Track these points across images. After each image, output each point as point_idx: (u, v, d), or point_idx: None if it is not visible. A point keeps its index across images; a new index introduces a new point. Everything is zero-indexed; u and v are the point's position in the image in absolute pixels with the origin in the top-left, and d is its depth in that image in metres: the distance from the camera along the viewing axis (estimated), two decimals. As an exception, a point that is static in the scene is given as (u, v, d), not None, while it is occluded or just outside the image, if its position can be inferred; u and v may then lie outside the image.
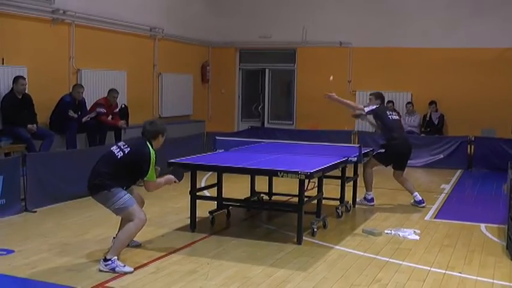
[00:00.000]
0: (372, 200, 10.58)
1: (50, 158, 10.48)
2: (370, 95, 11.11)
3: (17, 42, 11.84)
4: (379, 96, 10.89)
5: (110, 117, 13.09)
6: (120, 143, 7.26)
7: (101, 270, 6.62)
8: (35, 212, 9.47)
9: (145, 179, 6.99)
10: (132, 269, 6.68)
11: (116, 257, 6.69)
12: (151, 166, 6.93)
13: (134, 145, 7.09)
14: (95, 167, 7.11)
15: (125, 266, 6.67)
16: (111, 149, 7.15)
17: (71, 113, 12.41)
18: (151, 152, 6.96)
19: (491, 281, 6.54)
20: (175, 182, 7.42)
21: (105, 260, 6.66)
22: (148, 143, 7.05)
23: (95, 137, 12.79)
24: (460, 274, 6.75)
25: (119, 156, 6.96)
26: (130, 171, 7.01)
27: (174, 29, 16.70)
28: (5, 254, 7.18)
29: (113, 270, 6.60)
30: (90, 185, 7.05)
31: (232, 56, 19.19)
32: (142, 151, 6.95)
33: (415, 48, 16.75)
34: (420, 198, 10.50)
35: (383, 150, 10.51)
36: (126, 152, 6.99)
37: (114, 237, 7.18)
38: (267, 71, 19.12)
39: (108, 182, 6.88)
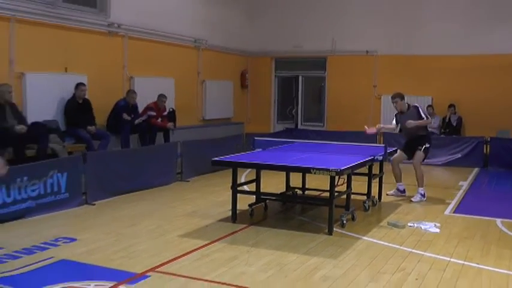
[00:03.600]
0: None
1: (107, 157, 10.59)
2: (395, 98, 10.58)
3: (78, 53, 11.99)
4: (403, 97, 10.66)
5: (159, 120, 13.20)
6: None
7: None
8: (94, 204, 9.59)
9: None
10: None
11: None
12: None
13: None
14: None
15: None
16: None
17: (125, 116, 12.54)
18: None
19: (507, 272, 6.43)
20: None
21: None
22: None
23: (146, 137, 12.92)
24: (477, 265, 6.65)
25: None
26: None
27: (216, 40, 16.76)
28: (68, 242, 7.27)
29: None
30: None
31: (268, 64, 19.20)
32: None
33: (435, 55, 16.58)
34: (402, 188, 10.80)
35: (428, 145, 10.52)
36: None
37: None
38: (300, 77, 19.10)
39: None
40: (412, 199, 10.41)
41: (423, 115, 10.42)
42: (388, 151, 9.66)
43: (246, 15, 18.57)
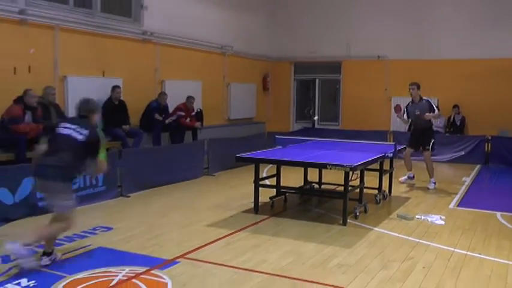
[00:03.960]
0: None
1: (140, 153, 10.66)
2: (413, 85, 10.99)
3: (114, 58, 12.07)
4: (419, 87, 11.06)
5: (188, 120, 13.23)
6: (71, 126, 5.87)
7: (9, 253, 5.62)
8: (129, 196, 9.66)
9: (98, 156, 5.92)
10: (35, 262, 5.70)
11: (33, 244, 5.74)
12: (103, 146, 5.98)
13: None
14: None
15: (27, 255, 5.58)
16: (64, 132, 5.82)
17: (157, 116, 12.60)
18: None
19: (507, 261, 6.38)
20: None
21: (25, 245, 5.50)
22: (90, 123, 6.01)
23: (175, 135, 12.95)
24: (479, 255, 6.60)
25: (81, 139, 5.77)
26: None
27: (240, 47, 16.75)
28: (105, 231, 7.35)
29: (20, 254, 5.46)
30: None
31: (288, 68, 19.16)
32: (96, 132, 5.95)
33: (441, 59, 16.47)
34: (412, 175, 11.45)
35: (433, 140, 10.99)
36: (85, 133, 5.80)
37: None
38: (317, 80, 19.02)
39: (69, 171, 5.75)
40: (428, 187, 10.92)
41: (435, 107, 10.88)
42: (397, 149, 9.65)
43: (267, 24, 18.53)
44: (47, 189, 5.84)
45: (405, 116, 11.17)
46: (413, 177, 11.47)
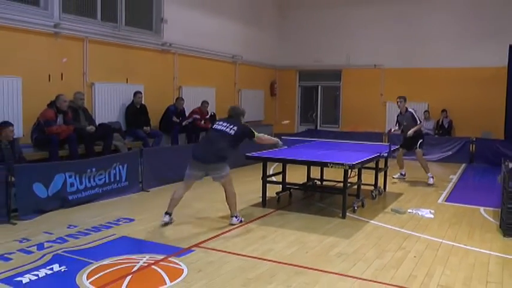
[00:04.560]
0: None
1: (160, 152, 10.67)
2: (401, 98, 11.29)
3: (136, 66, 12.10)
4: (406, 100, 11.34)
5: (202, 122, 13.25)
6: (224, 124, 7.31)
7: (232, 224, 7.25)
8: (149, 191, 9.69)
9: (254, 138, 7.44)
10: (242, 219, 7.43)
11: (237, 213, 7.40)
12: (254, 132, 7.44)
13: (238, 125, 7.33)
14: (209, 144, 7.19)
15: (242, 217, 7.47)
16: (219, 128, 7.26)
17: (175, 119, 12.62)
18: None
19: (489, 252, 6.37)
20: (278, 143, 7.97)
21: (233, 217, 7.32)
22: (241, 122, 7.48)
23: (191, 136, 12.95)
24: (465, 246, 6.59)
25: (232, 133, 7.17)
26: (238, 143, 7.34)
27: (250, 56, 16.75)
28: (128, 222, 7.39)
29: (240, 221, 7.34)
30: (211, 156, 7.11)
31: (293, 76, 19.12)
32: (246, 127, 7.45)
33: (431, 68, 16.39)
34: (404, 173, 11.65)
35: (422, 140, 11.18)
36: (235, 129, 7.20)
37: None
38: (319, 87, 18.96)
39: (225, 154, 7.12)
40: (428, 182, 10.95)
41: (417, 119, 11.09)
42: (392, 149, 9.63)
43: (275, 36, 18.53)
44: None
45: (397, 126, 11.51)
46: (405, 174, 11.57)
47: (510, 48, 14.61)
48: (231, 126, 7.21)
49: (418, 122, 11.07)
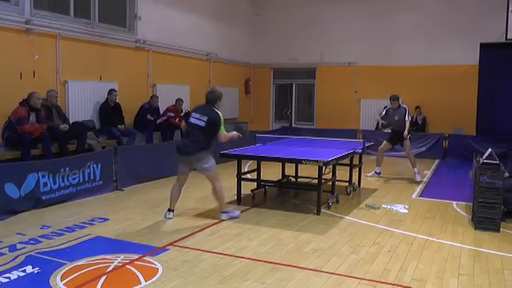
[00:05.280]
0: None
1: (134, 150, 10.57)
2: (396, 100, 11.18)
3: (111, 64, 11.99)
4: (398, 99, 11.25)
5: (177, 120, 13.19)
6: (196, 116, 7.25)
7: (223, 220, 7.36)
8: (123, 190, 9.58)
9: (219, 132, 7.23)
10: (239, 212, 7.64)
11: (227, 208, 7.53)
12: (222, 124, 7.22)
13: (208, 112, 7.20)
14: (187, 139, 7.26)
15: (234, 211, 7.61)
16: (192, 122, 7.23)
17: (149, 117, 12.54)
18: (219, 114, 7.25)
19: (460, 245, 6.47)
20: (238, 136, 7.75)
21: (223, 212, 7.44)
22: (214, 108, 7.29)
23: (166, 134, 12.89)
24: (438, 240, 6.68)
25: (203, 125, 7.13)
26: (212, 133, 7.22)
27: (224, 54, 16.73)
28: (102, 222, 7.30)
29: (231, 217, 7.43)
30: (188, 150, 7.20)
31: (268, 73, 19.15)
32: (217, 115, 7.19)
33: (404, 65, 16.58)
34: (379, 171, 11.49)
35: (410, 135, 11.19)
36: (205, 120, 7.13)
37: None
38: (294, 84, 19.04)
39: (203, 145, 7.16)
40: (417, 179, 10.96)
41: (407, 117, 11.03)
42: (366, 145, 9.70)
43: (249, 33, 18.53)
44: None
45: (382, 120, 11.54)
46: (380, 173, 11.49)
47: (481, 46, 14.85)
48: (202, 117, 7.19)
49: (409, 119, 11.04)
